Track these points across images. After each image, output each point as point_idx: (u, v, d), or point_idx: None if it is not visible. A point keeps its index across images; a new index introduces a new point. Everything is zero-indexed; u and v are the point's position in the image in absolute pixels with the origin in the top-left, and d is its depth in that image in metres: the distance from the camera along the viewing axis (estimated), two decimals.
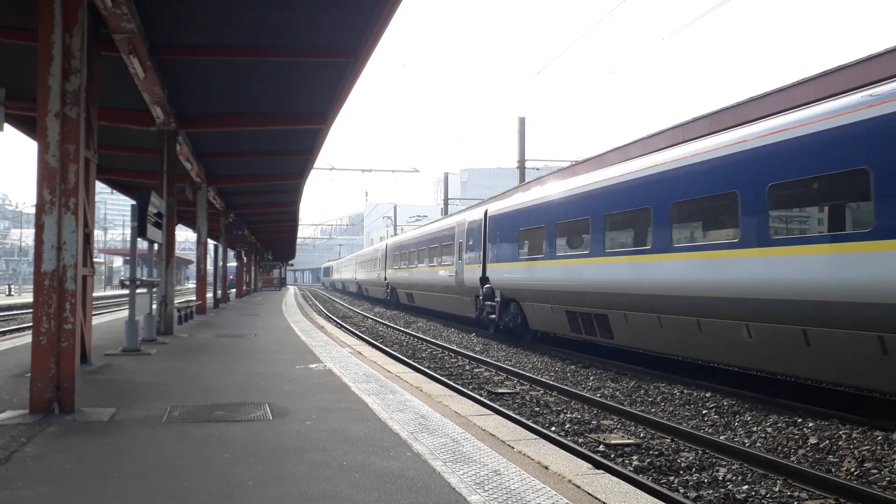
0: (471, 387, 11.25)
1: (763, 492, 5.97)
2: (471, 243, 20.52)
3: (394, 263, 34.44)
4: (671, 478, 6.39)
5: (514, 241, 17.04)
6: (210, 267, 28.83)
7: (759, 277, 9.21)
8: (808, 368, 8.83)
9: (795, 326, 8.70)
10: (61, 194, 6.29)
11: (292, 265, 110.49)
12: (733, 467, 6.67)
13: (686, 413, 9.14)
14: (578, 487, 4.33)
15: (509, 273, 17.24)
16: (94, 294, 19.21)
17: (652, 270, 11.38)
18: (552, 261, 14.82)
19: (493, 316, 18.22)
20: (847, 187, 8.38)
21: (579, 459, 5.19)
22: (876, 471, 6.45)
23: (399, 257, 32.94)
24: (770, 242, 9.13)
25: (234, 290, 38.81)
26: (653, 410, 9.35)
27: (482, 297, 19.08)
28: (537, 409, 9.52)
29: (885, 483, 6.16)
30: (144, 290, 12.18)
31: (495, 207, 19.06)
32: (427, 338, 19.11)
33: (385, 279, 36.96)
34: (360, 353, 11.60)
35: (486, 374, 12.87)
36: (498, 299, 18.05)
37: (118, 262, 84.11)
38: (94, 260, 10.58)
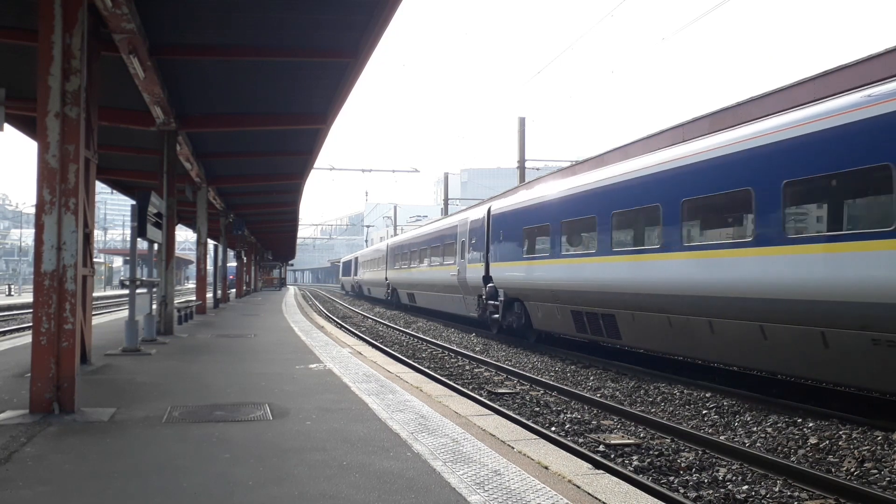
0: (471, 387, 11.24)
1: (763, 492, 5.97)
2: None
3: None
4: (671, 478, 6.39)
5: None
6: (210, 267, 28.82)
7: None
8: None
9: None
10: (61, 194, 6.29)
11: (292, 265, 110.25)
12: (733, 467, 6.67)
13: (686, 413, 9.14)
14: (578, 487, 4.33)
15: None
16: (94, 294, 19.20)
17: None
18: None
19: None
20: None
21: (579, 459, 5.19)
22: (876, 471, 6.45)
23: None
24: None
25: (234, 290, 38.80)
26: (653, 410, 9.35)
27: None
28: (537, 409, 9.52)
29: (885, 483, 6.16)
30: (144, 290, 12.18)
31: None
32: (427, 338, 19.12)
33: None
34: (360, 353, 11.60)
35: (486, 374, 12.87)
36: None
37: (118, 262, 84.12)
38: (94, 260, 10.58)
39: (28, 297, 36.82)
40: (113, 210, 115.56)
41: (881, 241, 7.64)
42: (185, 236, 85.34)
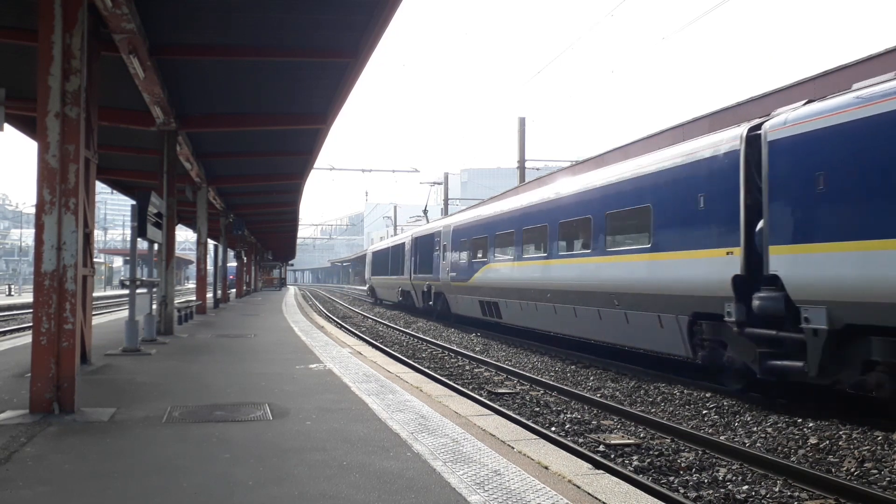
0: (471, 387, 11.24)
1: (763, 492, 5.97)
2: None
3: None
4: (671, 478, 6.39)
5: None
6: (210, 267, 28.81)
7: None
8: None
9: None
10: (61, 194, 6.29)
11: (292, 265, 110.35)
12: (733, 467, 6.67)
13: (686, 413, 9.14)
14: (578, 487, 4.33)
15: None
16: (94, 294, 19.20)
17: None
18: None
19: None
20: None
21: (579, 459, 5.19)
22: (876, 471, 6.45)
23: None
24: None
25: (234, 290, 38.80)
26: (653, 410, 9.35)
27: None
28: (537, 409, 9.51)
29: (885, 483, 6.16)
30: (144, 291, 12.18)
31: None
32: (427, 338, 19.12)
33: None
34: (360, 353, 11.60)
35: (486, 374, 12.87)
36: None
37: (118, 262, 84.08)
38: (94, 260, 10.58)
39: (28, 297, 36.82)
40: (113, 210, 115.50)
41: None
42: (185, 236, 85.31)
